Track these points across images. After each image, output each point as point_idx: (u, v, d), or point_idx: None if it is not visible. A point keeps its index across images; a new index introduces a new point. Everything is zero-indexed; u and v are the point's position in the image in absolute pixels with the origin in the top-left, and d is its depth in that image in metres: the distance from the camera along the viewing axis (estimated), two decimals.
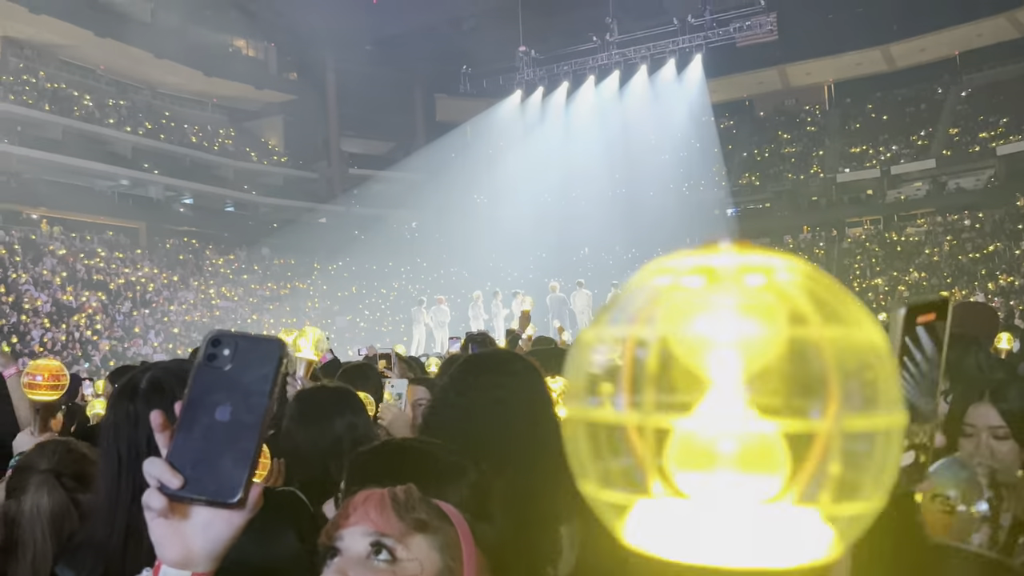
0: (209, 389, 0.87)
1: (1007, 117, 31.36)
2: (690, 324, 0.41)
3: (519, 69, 31.96)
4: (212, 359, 0.87)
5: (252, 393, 0.86)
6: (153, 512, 0.87)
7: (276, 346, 0.88)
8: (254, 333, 0.92)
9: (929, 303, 0.78)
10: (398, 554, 1.02)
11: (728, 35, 29.63)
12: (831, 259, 31.52)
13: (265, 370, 0.86)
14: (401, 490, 1.07)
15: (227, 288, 28.49)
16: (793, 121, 37.90)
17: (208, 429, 0.86)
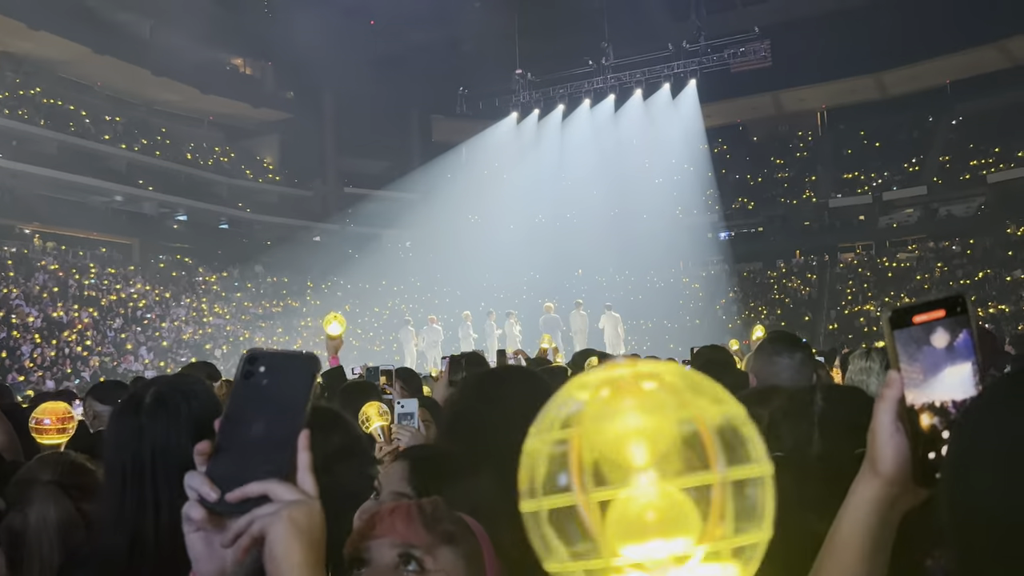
0: (246, 405, 0.90)
1: (998, 146, 31.68)
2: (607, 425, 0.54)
3: (515, 91, 32.18)
4: (249, 376, 0.90)
5: (286, 408, 0.89)
6: (192, 525, 0.88)
7: (309, 362, 0.92)
8: (287, 349, 0.95)
9: (927, 302, 0.79)
10: (426, 565, 1.04)
11: (722, 61, 29.92)
12: (823, 284, 31.67)
13: (298, 386, 0.90)
14: (428, 502, 1.10)
15: (219, 305, 28.40)
16: (786, 146, 38.20)
17: (245, 444, 0.88)
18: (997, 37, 31.22)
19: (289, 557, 0.84)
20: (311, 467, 0.90)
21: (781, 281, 32.92)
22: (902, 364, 0.80)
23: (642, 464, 0.53)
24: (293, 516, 0.86)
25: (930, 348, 0.79)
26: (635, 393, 0.55)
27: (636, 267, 30.58)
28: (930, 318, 0.79)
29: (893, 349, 0.80)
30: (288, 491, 0.87)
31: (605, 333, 18.28)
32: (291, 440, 0.89)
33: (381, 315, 29.24)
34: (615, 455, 0.54)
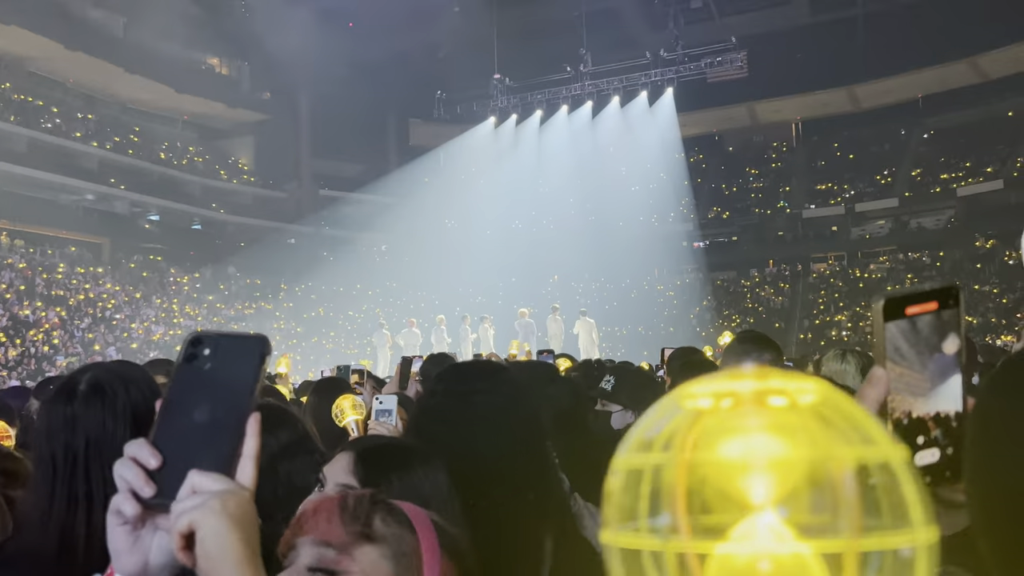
0: (188, 390, 0.84)
1: (968, 160, 32.24)
2: (721, 448, 0.44)
3: (493, 96, 32.19)
4: (192, 359, 0.85)
5: (232, 392, 0.84)
6: (120, 519, 0.82)
7: (258, 343, 0.86)
8: (234, 331, 0.90)
9: (919, 292, 0.74)
10: (340, 567, 0.97)
11: (699, 70, 30.16)
12: (795, 293, 31.98)
13: (246, 368, 0.85)
14: (355, 496, 1.03)
15: (191, 307, 28.05)
16: (761, 157, 38.59)
17: (185, 432, 0.83)
18: (968, 54, 31.78)
19: (228, 553, 0.77)
20: (256, 456, 0.84)
21: (754, 290, 33.19)
22: (888, 361, 0.74)
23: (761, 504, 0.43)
24: (226, 507, 0.79)
25: (918, 345, 0.74)
26: (762, 413, 0.44)
27: (611, 274, 30.69)
28: (923, 310, 0.74)
29: (881, 343, 0.74)
30: (215, 481, 0.80)
31: (579, 339, 18.29)
32: (237, 426, 0.83)
33: (355, 319, 29.05)
34: (727, 488, 0.43)
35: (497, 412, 1.76)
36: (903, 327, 0.74)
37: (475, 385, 1.84)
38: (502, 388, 1.84)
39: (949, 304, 0.74)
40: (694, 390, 0.46)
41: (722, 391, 0.45)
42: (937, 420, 0.74)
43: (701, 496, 0.43)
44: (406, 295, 29.69)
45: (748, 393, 0.45)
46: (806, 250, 34.01)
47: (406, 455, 1.41)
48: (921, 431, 0.74)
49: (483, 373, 1.93)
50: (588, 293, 29.48)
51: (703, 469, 0.44)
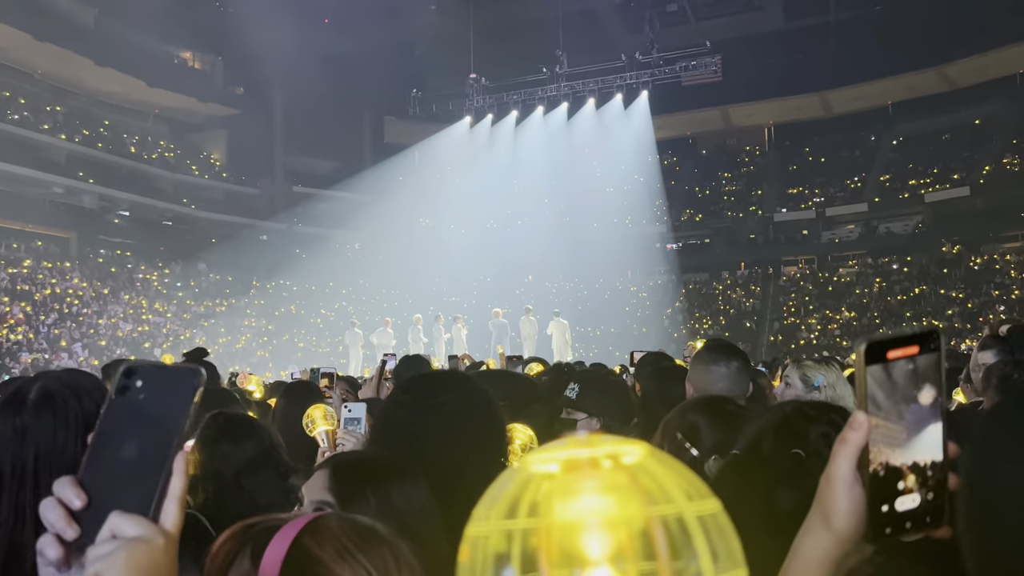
0: (118, 424, 0.80)
1: (935, 166, 32.77)
2: (561, 512, 0.49)
3: (469, 96, 32.13)
4: (124, 391, 0.81)
5: (162, 428, 0.80)
6: (45, 560, 0.79)
7: (192, 376, 0.82)
8: (171, 363, 0.87)
9: (900, 336, 0.74)
10: None
11: (674, 73, 30.35)
12: (766, 296, 32.30)
13: (179, 403, 0.81)
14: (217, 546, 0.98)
15: (160, 303, 27.69)
16: (734, 160, 38.94)
17: (113, 469, 0.79)
18: (936, 62, 32.31)
19: None
20: (182, 496, 0.80)
21: (726, 292, 33.48)
22: (870, 406, 0.73)
23: (597, 559, 0.48)
24: (132, 559, 0.75)
25: (900, 388, 0.73)
26: (595, 476, 0.50)
27: (585, 275, 30.79)
28: (904, 354, 0.73)
29: (863, 387, 0.73)
30: (132, 525, 0.77)
31: (553, 339, 18.33)
32: (164, 464, 0.79)
33: (328, 317, 28.86)
34: (570, 548, 0.49)
35: (465, 424, 1.76)
36: (882, 375, 0.73)
37: (442, 397, 1.84)
38: (470, 400, 1.84)
39: (930, 348, 0.74)
40: (541, 458, 0.52)
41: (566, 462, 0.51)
42: (916, 470, 0.74)
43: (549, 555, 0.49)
44: (379, 294, 29.56)
45: (588, 461, 0.51)
46: (777, 253, 34.37)
47: (383, 471, 1.40)
48: (900, 478, 0.74)
49: (451, 384, 1.93)
50: (562, 293, 29.56)
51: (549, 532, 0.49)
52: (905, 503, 0.73)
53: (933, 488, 0.74)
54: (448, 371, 2.68)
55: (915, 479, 0.74)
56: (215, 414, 2.47)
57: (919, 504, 0.74)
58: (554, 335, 18.39)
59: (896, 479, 0.74)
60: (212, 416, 2.46)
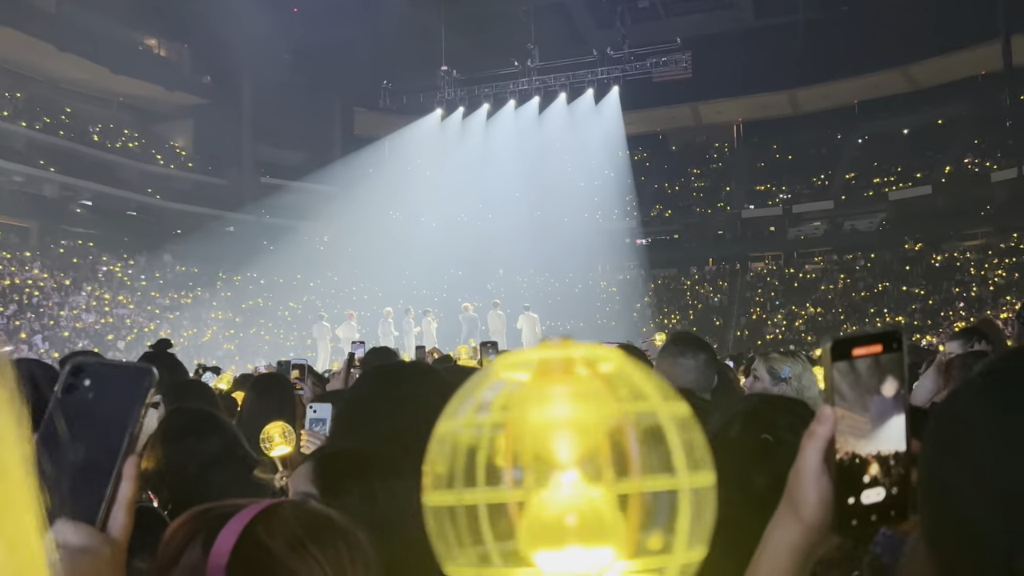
0: (65, 425, 0.77)
1: (899, 165, 33.33)
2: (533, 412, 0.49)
3: (440, 88, 32.00)
4: (71, 390, 0.78)
5: (111, 430, 0.77)
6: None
7: (143, 375, 0.79)
8: (119, 361, 0.84)
9: (865, 335, 0.77)
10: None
11: (645, 70, 30.49)
12: (734, 291, 32.65)
13: (128, 403, 0.78)
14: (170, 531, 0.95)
15: (124, 295, 27.23)
16: (703, 157, 39.25)
17: (59, 471, 0.75)
18: (902, 63, 32.84)
19: None
20: (131, 502, 0.77)
21: (694, 288, 33.78)
22: (836, 401, 0.77)
23: (567, 462, 0.48)
24: (75, 568, 0.72)
25: (865, 385, 0.76)
26: (568, 380, 0.50)
27: (556, 269, 30.87)
28: (868, 352, 0.76)
29: (830, 382, 0.76)
30: (77, 535, 0.73)
31: (523, 334, 18.34)
32: (113, 469, 0.76)
33: (295, 310, 28.60)
34: (540, 449, 0.49)
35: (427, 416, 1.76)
36: (847, 371, 0.76)
37: (404, 388, 1.84)
38: (432, 391, 1.84)
39: (893, 348, 0.77)
40: (512, 361, 0.52)
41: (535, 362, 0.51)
42: (880, 461, 0.77)
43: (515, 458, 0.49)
44: (348, 287, 29.36)
45: (559, 363, 0.50)
46: (745, 249, 34.75)
47: (367, 463, 1.39)
48: (866, 471, 0.77)
49: (413, 375, 1.93)
50: (533, 287, 29.60)
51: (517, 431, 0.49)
52: (871, 496, 0.76)
53: (897, 483, 0.77)
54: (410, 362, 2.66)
55: (880, 470, 0.76)
56: (175, 409, 2.43)
57: (884, 498, 0.76)
58: (524, 329, 18.41)
59: (861, 471, 0.76)
60: (173, 411, 2.42)
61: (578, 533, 0.48)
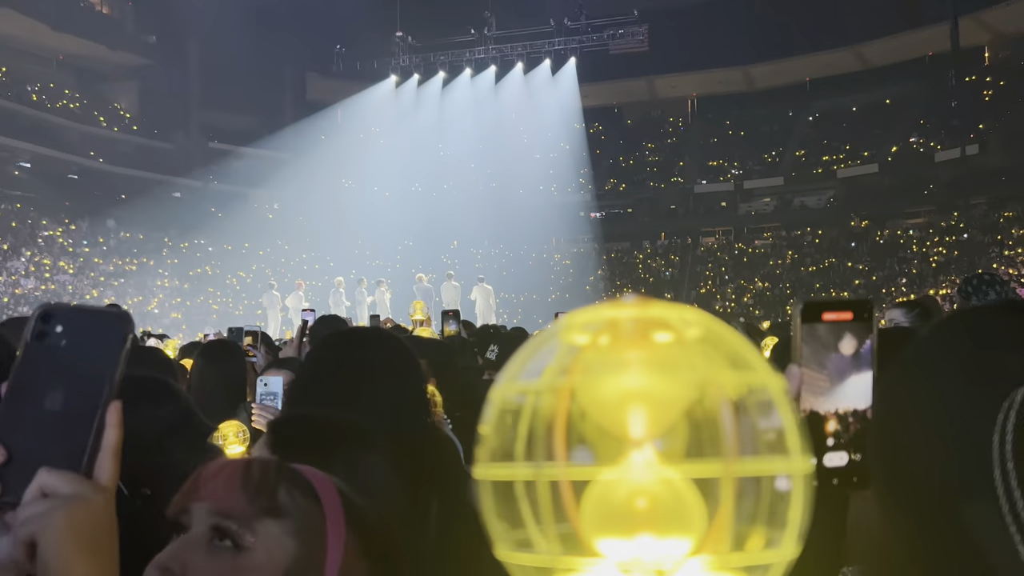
0: (38, 373, 0.74)
1: (848, 143, 33.97)
2: (603, 382, 0.43)
3: (395, 54, 31.50)
4: (42, 337, 0.75)
5: (90, 376, 0.75)
6: None
7: (119, 320, 0.77)
8: (92, 305, 0.80)
9: (838, 302, 0.79)
10: (242, 541, 0.90)
11: (602, 41, 30.44)
12: (685, 265, 33.07)
13: (106, 349, 0.76)
14: (258, 464, 0.95)
15: (65, 261, 26.42)
16: (658, 131, 39.44)
17: (36, 420, 0.73)
18: (852, 41, 33.33)
19: (66, 572, 0.69)
20: (117, 449, 0.76)
21: (646, 261, 34.12)
22: (802, 360, 0.78)
23: (640, 438, 0.42)
24: (71, 517, 0.70)
25: (833, 350, 0.78)
26: (644, 346, 0.43)
27: (510, 241, 30.84)
28: (838, 318, 0.78)
29: (799, 343, 0.78)
30: (67, 483, 0.72)
31: (477, 305, 18.33)
32: (95, 416, 0.75)
33: (244, 279, 28.11)
34: (606, 422, 0.42)
35: (384, 381, 1.74)
36: (815, 334, 0.78)
37: (359, 353, 1.81)
38: (389, 356, 1.82)
39: (863, 317, 0.78)
40: (576, 322, 0.45)
41: (605, 323, 0.44)
42: (842, 421, 0.78)
43: (579, 431, 0.43)
44: (299, 256, 28.94)
45: (631, 325, 0.44)
46: (696, 224, 35.17)
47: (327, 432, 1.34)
48: (830, 434, 0.78)
49: (369, 340, 1.91)
50: (487, 259, 29.55)
51: (583, 401, 0.43)
52: (833, 460, 0.78)
53: (860, 449, 0.78)
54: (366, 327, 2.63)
55: (842, 433, 0.78)
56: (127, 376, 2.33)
57: (846, 463, 0.78)
58: (478, 300, 18.40)
59: (824, 433, 0.78)
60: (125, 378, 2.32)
61: (651, 520, 0.41)
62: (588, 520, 0.42)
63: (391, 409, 1.70)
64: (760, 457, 0.43)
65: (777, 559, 0.43)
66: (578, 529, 0.42)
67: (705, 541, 0.42)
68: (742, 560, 0.42)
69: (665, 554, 0.41)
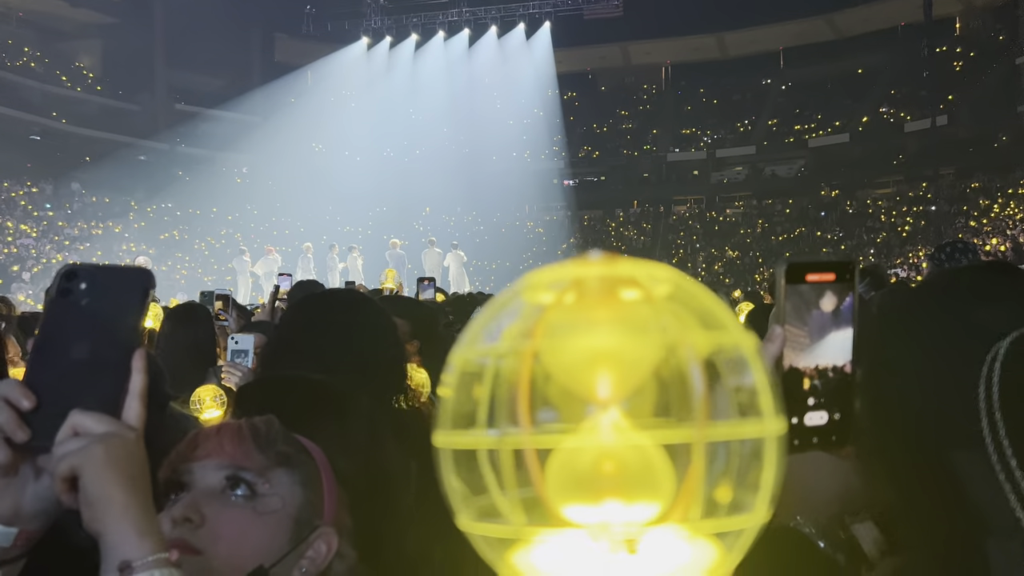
0: (64, 326, 0.80)
1: (820, 112, 34.13)
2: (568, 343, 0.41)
3: (366, 15, 30.94)
4: (66, 294, 0.80)
5: (115, 328, 0.80)
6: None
7: (141, 276, 0.83)
8: (113, 264, 0.85)
9: (822, 263, 0.79)
10: (258, 489, 0.97)
11: (576, 6, 30.14)
12: (657, 234, 33.20)
13: (128, 303, 0.81)
14: (262, 421, 1.02)
15: (28, 224, 25.83)
16: (631, 98, 39.31)
17: (64, 370, 0.79)
18: (825, 10, 33.34)
19: (111, 501, 0.73)
20: (143, 393, 0.81)
21: (619, 229, 34.19)
22: (786, 320, 0.79)
23: (606, 400, 0.40)
24: (109, 451, 0.75)
25: (816, 310, 0.78)
26: (611, 304, 0.41)
27: (483, 208, 30.70)
28: (821, 279, 0.78)
29: (781, 303, 0.78)
30: (99, 422, 0.77)
31: (450, 271, 18.29)
32: (121, 363, 0.80)
33: (213, 244, 27.71)
34: (572, 384, 0.40)
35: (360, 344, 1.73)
36: (798, 295, 0.78)
37: (335, 316, 1.80)
38: (365, 320, 1.82)
39: (846, 277, 0.79)
40: (540, 280, 0.43)
41: (571, 281, 0.42)
42: (823, 379, 0.79)
43: (543, 394, 0.41)
44: (268, 221, 28.57)
45: (598, 283, 0.42)
46: (669, 192, 35.25)
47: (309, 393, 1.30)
48: (811, 393, 0.79)
49: (346, 303, 1.90)
50: (460, 226, 29.40)
51: (548, 363, 0.41)
52: (813, 419, 0.78)
53: (841, 409, 0.79)
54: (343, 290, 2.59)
55: (823, 393, 0.79)
56: None
57: (826, 422, 0.79)
58: (451, 267, 18.36)
59: (806, 396, 0.79)
60: None
61: (618, 485, 0.39)
62: (553, 486, 0.40)
63: (368, 371, 1.69)
64: (732, 420, 0.41)
65: (749, 524, 0.41)
66: (543, 496, 0.40)
67: (675, 506, 0.40)
68: (714, 527, 0.41)
69: (633, 520, 0.40)
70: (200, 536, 0.92)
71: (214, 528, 0.93)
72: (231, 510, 0.96)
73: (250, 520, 0.96)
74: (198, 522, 0.93)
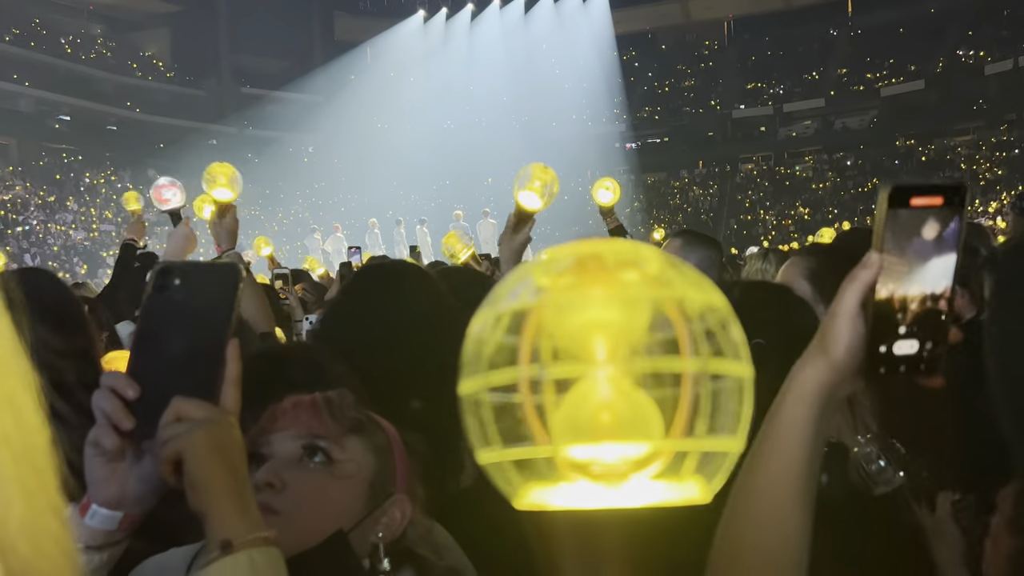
0: (161, 320, 0.85)
1: (892, 59, 32.71)
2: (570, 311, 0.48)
3: None
4: (162, 290, 0.85)
5: (209, 321, 0.85)
6: (98, 450, 0.84)
7: (231, 272, 0.87)
8: (204, 261, 0.93)
9: (930, 185, 0.74)
10: (334, 455, 1.03)
11: None
12: (723, 193, 32.55)
13: (221, 297, 0.86)
14: (334, 394, 1.08)
15: (110, 211, 26.96)
16: (692, 55, 38.36)
17: (163, 362, 0.84)
18: None
19: (211, 483, 0.80)
20: (238, 380, 0.86)
21: (684, 191, 33.64)
22: (884, 247, 0.75)
23: (603, 358, 0.47)
24: (210, 435, 0.81)
25: (917, 237, 0.74)
26: (608, 281, 0.48)
27: None
28: (928, 203, 0.74)
29: (881, 228, 0.75)
30: (199, 408, 0.83)
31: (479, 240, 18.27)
32: (217, 353, 0.85)
33: (283, 222, 28.43)
34: (574, 345, 0.48)
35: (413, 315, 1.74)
36: (901, 220, 0.75)
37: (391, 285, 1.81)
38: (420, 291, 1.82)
39: (954, 202, 0.74)
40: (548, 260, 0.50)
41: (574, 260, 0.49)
42: (919, 307, 0.76)
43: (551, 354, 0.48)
44: (336, 197, 29.12)
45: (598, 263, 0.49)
46: (735, 151, 34.43)
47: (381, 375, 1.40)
48: (903, 321, 0.77)
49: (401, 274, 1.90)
50: None
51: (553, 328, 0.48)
52: (903, 348, 0.77)
53: (933, 338, 0.76)
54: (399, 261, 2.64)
55: (916, 321, 0.76)
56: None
57: (916, 351, 0.76)
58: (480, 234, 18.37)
59: (897, 321, 0.77)
60: None
61: (613, 429, 0.46)
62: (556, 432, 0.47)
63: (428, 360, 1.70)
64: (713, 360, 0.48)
65: (728, 448, 0.48)
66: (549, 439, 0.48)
67: (662, 444, 0.47)
68: (695, 445, 0.47)
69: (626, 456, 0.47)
70: (281, 499, 0.98)
71: (294, 492, 0.99)
72: (310, 475, 1.01)
73: (328, 484, 1.01)
74: (279, 487, 0.99)
